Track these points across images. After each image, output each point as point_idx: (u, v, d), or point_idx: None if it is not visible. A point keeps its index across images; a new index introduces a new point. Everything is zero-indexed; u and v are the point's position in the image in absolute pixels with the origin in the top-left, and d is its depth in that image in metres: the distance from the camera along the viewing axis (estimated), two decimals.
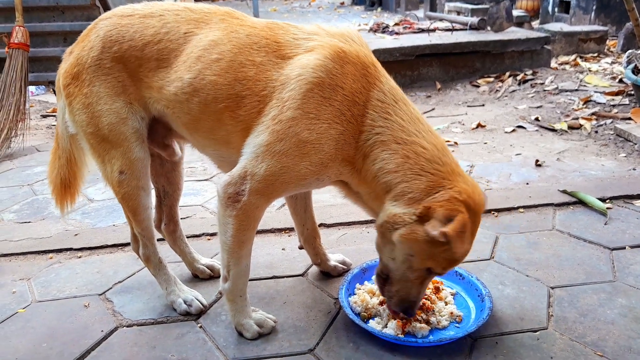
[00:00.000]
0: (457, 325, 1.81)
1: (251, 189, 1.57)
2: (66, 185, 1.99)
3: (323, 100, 1.52)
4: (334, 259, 2.17)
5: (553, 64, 5.97)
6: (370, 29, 6.98)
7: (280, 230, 2.56)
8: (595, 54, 6.43)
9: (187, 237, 2.21)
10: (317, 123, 1.52)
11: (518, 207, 2.69)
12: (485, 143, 3.83)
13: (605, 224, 2.49)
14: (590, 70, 5.60)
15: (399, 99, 1.60)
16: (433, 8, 10.70)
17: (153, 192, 2.11)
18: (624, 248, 2.28)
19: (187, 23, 1.68)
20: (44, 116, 5.20)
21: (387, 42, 5.81)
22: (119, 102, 1.72)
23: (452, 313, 1.84)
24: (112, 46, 1.70)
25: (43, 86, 5.86)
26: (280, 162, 1.54)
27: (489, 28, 6.21)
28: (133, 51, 1.69)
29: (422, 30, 6.48)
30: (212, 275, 2.16)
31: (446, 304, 1.90)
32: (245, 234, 1.66)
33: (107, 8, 4.44)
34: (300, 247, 2.15)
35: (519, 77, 5.43)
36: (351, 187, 1.69)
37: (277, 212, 2.75)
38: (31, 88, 5.72)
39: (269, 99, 1.56)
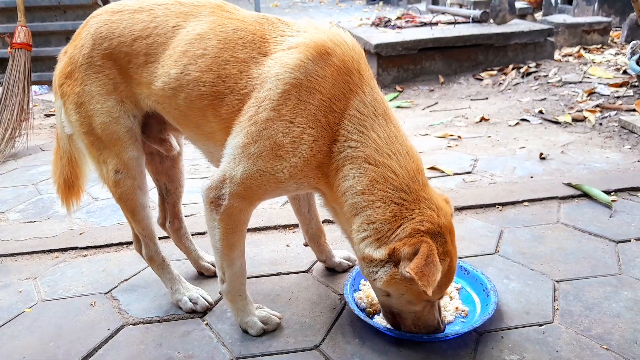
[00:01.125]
0: (462, 319, 1.81)
1: (231, 192, 1.55)
2: (69, 185, 1.99)
3: (299, 103, 1.47)
4: (338, 255, 2.17)
5: (556, 56, 5.94)
6: (373, 23, 6.96)
7: (284, 226, 2.56)
8: (599, 46, 6.39)
9: (192, 235, 2.22)
10: (291, 126, 1.47)
11: (522, 201, 2.68)
12: (489, 137, 3.82)
13: (610, 217, 2.48)
14: (594, 62, 5.56)
15: (380, 113, 1.52)
16: (435, 1, 10.64)
17: (155, 191, 2.12)
18: (629, 241, 2.27)
19: (176, 16, 1.66)
20: (48, 115, 5.21)
21: (390, 36, 5.79)
22: (111, 100, 1.71)
23: (457, 308, 1.84)
24: (102, 43, 1.69)
25: (46, 85, 5.87)
26: (256, 165, 1.50)
27: (491, 21, 6.18)
28: (122, 47, 1.67)
29: (424, 24, 6.46)
30: None
31: (451, 298, 1.90)
32: (233, 237, 1.64)
33: None
34: (306, 245, 2.16)
35: (522, 70, 5.41)
36: (328, 199, 1.64)
37: (280, 209, 2.75)
38: (34, 87, 5.74)
39: (248, 97, 1.53)
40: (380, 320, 1.78)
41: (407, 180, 1.49)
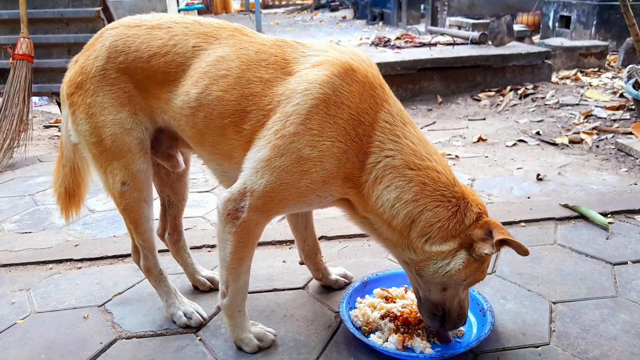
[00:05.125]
0: (458, 339, 1.80)
1: (251, 205, 1.55)
2: (70, 194, 1.98)
3: (328, 118, 1.50)
4: (335, 272, 2.16)
5: (554, 78, 6.00)
6: (372, 43, 7.04)
7: (281, 242, 2.56)
8: (596, 69, 6.47)
9: (189, 249, 2.20)
10: (319, 140, 1.50)
11: (519, 221, 2.68)
12: (487, 157, 3.83)
13: (607, 239, 2.48)
14: (591, 85, 5.62)
15: (407, 122, 1.60)
16: (434, 22, 10.79)
17: (157, 202, 2.12)
18: (626, 263, 2.27)
19: (195, 37, 1.67)
20: (47, 127, 5.22)
21: (389, 56, 5.85)
22: (124, 112, 1.71)
23: None
24: (118, 57, 1.69)
25: (46, 97, 5.89)
26: (280, 178, 1.51)
27: (490, 42, 6.26)
28: (139, 63, 1.68)
29: (423, 45, 6.53)
30: (213, 288, 2.15)
31: None
32: (244, 251, 1.64)
33: (111, 20, 4.48)
34: (301, 263, 2.14)
35: (520, 91, 5.46)
36: (357, 211, 1.65)
37: (278, 225, 2.75)
38: (34, 99, 5.76)
39: (273, 112, 1.54)
40: (375, 339, 1.76)
41: (451, 174, 1.60)
